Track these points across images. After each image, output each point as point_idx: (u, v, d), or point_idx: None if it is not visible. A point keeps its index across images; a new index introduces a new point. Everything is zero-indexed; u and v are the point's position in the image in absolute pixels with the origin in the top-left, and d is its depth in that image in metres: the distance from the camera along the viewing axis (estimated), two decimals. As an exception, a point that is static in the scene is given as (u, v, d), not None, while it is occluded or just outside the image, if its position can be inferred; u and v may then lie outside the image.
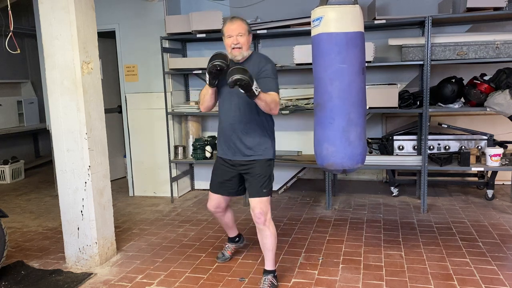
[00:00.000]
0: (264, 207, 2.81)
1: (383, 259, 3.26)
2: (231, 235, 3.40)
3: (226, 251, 3.33)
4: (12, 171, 6.50)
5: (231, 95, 2.81)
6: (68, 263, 3.38)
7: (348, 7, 2.79)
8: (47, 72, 3.22)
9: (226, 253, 3.31)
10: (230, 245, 3.39)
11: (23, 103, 7.41)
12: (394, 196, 4.86)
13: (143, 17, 5.01)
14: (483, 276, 2.93)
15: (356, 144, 2.90)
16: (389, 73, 4.82)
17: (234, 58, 2.81)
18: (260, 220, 2.80)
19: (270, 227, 2.83)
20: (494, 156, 4.14)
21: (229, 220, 3.27)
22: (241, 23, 2.80)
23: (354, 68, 2.84)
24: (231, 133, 2.88)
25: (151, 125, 5.20)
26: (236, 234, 3.40)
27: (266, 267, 2.91)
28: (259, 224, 2.82)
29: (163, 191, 5.25)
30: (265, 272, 2.91)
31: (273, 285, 2.85)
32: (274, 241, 2.85)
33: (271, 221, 2.85)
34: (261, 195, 2.82)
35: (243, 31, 2.79)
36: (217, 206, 3.11)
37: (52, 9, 3.10)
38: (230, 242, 3.40)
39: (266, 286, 2.82)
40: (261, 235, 2.87)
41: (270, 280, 2.86)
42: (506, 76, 4.07)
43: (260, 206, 2.80)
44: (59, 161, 3.29)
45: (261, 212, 2.80)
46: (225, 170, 2.99)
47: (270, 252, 2.87)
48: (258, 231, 2.88)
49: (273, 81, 2.78)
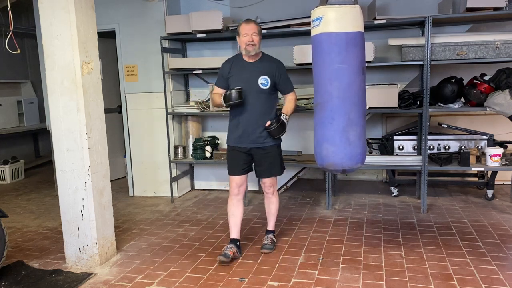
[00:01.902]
0: (274, 182, 3.48)
1: (383, 259, 3.26)
2: (234, 236, 3.45)
3: (229, 251, 3.35)
4: (12, 171, 6.51)
5: (249, 93, 3.23)
6: (68, 263, 3.38)
7: (348, 7, 2.79)
8: (47, 72, 3.22)
9: (228, 252, 3.33)
10: (232, 245, 3.41)
11: (23, 103, 7.41)
12: (394, 196, 4.86)
13: (143, 17, 5.01)
14: (483, 276, 2.93)
15: (356, 144, 2.90)
16: (389, 73, 4.82)
17: (248, 53, 3.23)
18: (269, 190, 3.49)
19: (277, 196, 3.54)
20: (494, 156, 4.14)
21: (241, 211, 3.47)
22: (254, 24, 3.24)
23: (354, 68, 2.84)
24: (249, 123, 3.29)
25: (151, 125, 5.20)
26: (238, 237, 3.47)
27: (268, 227, 3.62)
28: (269, 194, 3.50)
29: (163, 191, 5.25)
30: (267, 232, 3.61)
31: (273, 241, 3.57)
32: (277, 206, 3.57)
33: (277, 193, 3.55)
34: (276, 174, 3.44)
35: (257, 31, 3.23)
36: (240, 184, 3.43)
37: (52, 9, 3.10)
38: (232, 243, 3.43)
39: (269, 241, 3.53)
40: (269, 201, 3.54)
41: (271, 238, 3.58)
42: (506, 76, 4.07)
43: (271, 181, 3.46)
44: (59, 161, 3.29)
45: (271, 185, 3.47)
46: (239, 156, 3.38)
47: (273, 216, 3.58)
48: (266, 199, 3.56)
49: (289, 82, 3.39)
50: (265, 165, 3.37)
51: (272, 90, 3.29)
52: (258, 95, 3.24)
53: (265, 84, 3.23)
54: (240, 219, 3.47)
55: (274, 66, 3.28)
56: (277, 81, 3.28)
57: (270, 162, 3.36)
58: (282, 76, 3.30)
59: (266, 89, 3.24)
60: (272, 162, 3.38)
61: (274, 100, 3.37)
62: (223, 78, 3.36)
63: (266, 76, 3.23)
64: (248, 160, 3.39)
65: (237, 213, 3.44)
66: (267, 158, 3.35)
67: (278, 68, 3.28)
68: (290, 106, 3.34)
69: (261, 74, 3.24)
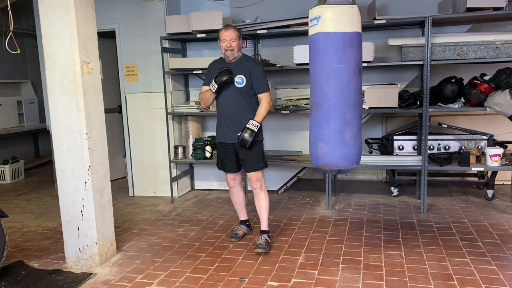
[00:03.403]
0: (259, 176, 3.54)
1: (383, 259, 3.26)
2: (242, 218, 3.86)
3: (239, 231, 3.78)
4: (12, 171, 6.51)
5: (227, 91, 3.47)
6: (68, 263, 3.38)
7: (346, 7, 2.79)
8: (47, 72, 3.22)
9: (239, 232, 3.76)
10: (242, 226, 3.83)
11: (23, 103, 7.41)
12: (394, 196, 4.86)
13: (143, 17, 5.01)
14: (483, 276, 2.93)
15: (352, 145, 2.90)
16: (389, 73, 4.82)
17: (227, 58, 3.48)
18: (256, 185, 3.54)
19: (265, 191, 3.58)
20: (494, 156, 4.14)
21: (242, 197, 3.80)
22: (233, 30, 3.44)
23: (350, 68, 2.84)
24: (228, 120, 3.51)
25: (151, 125, 5.20)
26: (246, 218, 3.88)
27: (261, 227, 3.59)
28: (256, 189, 3.55)
29: (163, 191, 5.25)
30: (261, 232, 3.57)
31: (267, 242, 3.50)
32: (268, 203, 3.58)
33: (265, 188, 3.59)
34: (257, 169, 3.52)
35: (235, 37, 3.42)
36: (233, 178, 3.68)
37: (52, 9, 3.10)
38: (242, 224, 3.85)
39: (263, 242, 3.46)
40: (257, 197, 3.57)
41: (266, 238, 3.52)
42: (506, 76, 4.07)
43: (256, 175, 3.53)
44: (59, 161, 3.29)
45: (257, 179, 3.53)
46: (225, 152, 3.60)
47: (265, 213, 3.57)
48: (255, 196, 3.60)
49: (264, 83, 3.47)
50: (246, 159, 3.52)
51: (249, 88, 3.45)
52: (235, 93, 3.45)
53: (240, 83, 3.44)
54: (244, 203, 3.82)
55: (249, 65, 3.45)
56: (252, 80, 3.44)
57: (250, 156, 3.50)
58: (256, 75, 3.43)
59: (241, 87, 3.44)
60: (253, 157, 3.50)
61: (253, 99, 3.50)
62: (209, 78, 3.56)
63: (241, 75, 3.43)
64: (234, 156, 3.58)
65: (239, 200, 3.79)
66: (248, 153, 3.49)
67: (252, 67, 3.44)
68: (260, 110, 3.44)
69: (237, 73, 3.44)
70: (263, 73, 3.48)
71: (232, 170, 3.64)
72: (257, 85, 3.45)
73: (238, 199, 3.79)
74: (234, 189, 3.74)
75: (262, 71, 3.47)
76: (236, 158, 3.58)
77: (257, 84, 3.44)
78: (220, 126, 3.59)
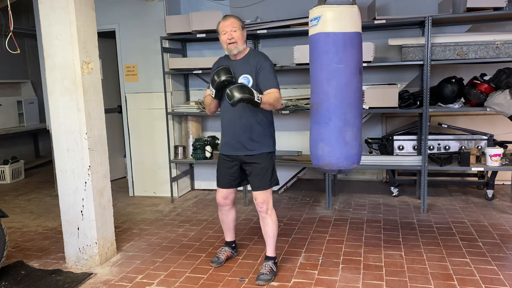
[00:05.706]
0: (266, 197, 2.99)
1: (383, 259, 3.26)
2: (228, 239, 3.40)
3: (222, 255, 3.30)
4: (12, 171, 6.50)
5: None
6: (68, 263, 3.38)
7: (346, 7, 2.78)
8: (47, 72, 3.22)
9: (222, 256, 3.29)
10: (227, 248, 3.37)
11: (23, 103, 7.41)
12: (394, 196, 4.85)
13: (143, 17, 5.01)
14: (483, 276, 2.93)
15: (352, 145, 2.89)
16: (389, 73, 4.82)
17: (231, 53, 2.97)
18: (262, 209, 3.00)
19: (272, 216, 3.03)
20: (494, 156, 4.14)
21: (232, 218, 3.33)
22: (234, 19, 2.96)
23: (351, 68, 2.84)
24: (233, 130, 3.00)
25: (151, 125, 5.20)
26: (233, 240, 3.41)
27: (267, 253, 3.10)
28: (262, 212, 3.02)
29: (163, 191, 5.25)
30: (266, 259, 3.10)
31: (272, 271, 3.02)
32: (275, 228, 3.04)
33: (273, 210, 3.04)
34: (265, 187, 2.99)
35: (237, 26, 2.93)
36: (225, 197, 3.19)
37: (52, 9, 3.10)
38: (227, 246, 3.39)
39: (266, 271, 2.99)
40: (263, 222, 3.06)
41: (270, 266, 3.03)
42: (506, 76, 4.07)
43: (262, 196, 2.98)
44: (59, 161, 3.29)
45: (263, 201, 2.98)
46: (228, 166, 3.12)
47: (271, 239, 3.05)
48: (260, 219, 3.08)
49: (272, 77, 2.94)
50: (254, 174, 3.01)
51: (256, 90, 2.86)
52: None
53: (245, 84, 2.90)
54: (233, 224, 3.34)
55: (256, 60, 2.93)
56: (258, 77, 2.90)
57: (259, 171, 2.98)
58: (263, 70, 2.90)
59: None
60: (262, 171, 2.98)
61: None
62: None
63: (247, 75, 2.92)
64: (237, 172, 3.09)
65: (228, 220, 3.31)
66: (256, 168, 2.99)
67: (259, 62, 2.92)
68: (269, 95, 2.85)
69: (242, 73, 2.93)
70: (272, 69, 2.94)
71: (228, 185, 3.14)
72: (264, 81, 2.88)
73: (227, 219, 3.30)
74: (224, 208, 3.24)
75: (271, 67, 2.94)
76: (239, 173, 3.11)
77: (264, 80, 2.88)
78: (224, 137, 3.10)
